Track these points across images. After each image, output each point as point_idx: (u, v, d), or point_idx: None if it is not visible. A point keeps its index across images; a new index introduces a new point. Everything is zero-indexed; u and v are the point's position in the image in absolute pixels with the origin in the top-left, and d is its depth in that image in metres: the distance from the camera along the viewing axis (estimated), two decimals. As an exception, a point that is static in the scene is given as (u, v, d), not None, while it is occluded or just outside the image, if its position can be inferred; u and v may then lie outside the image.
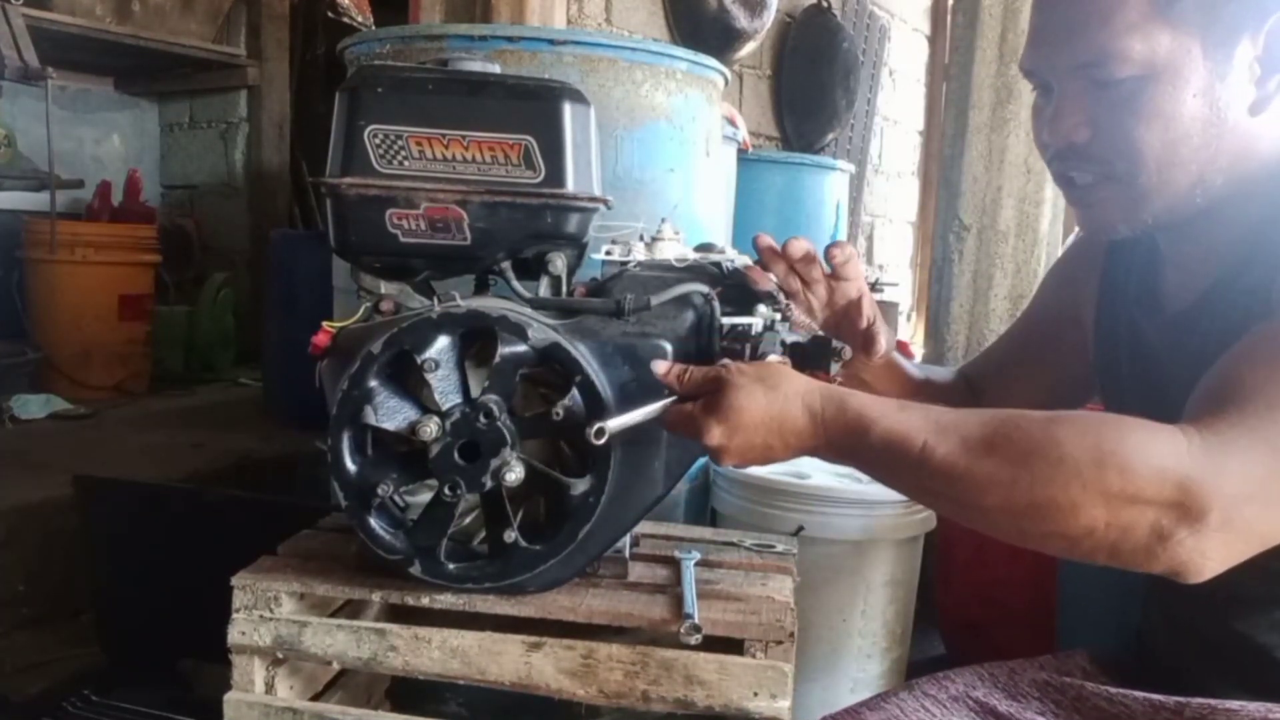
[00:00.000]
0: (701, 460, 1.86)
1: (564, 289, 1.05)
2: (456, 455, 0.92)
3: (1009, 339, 1.25)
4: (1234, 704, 0.86)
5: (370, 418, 0.93)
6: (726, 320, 0.99)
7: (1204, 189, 0.86)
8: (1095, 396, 1.12)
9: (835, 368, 0.99)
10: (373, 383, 0.93)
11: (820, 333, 1.08)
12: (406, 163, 0.97)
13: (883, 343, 1.09)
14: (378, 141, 0.97)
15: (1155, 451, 0.71)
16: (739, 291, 1.02)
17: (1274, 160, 0.85)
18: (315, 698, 1.09)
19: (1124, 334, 1.01)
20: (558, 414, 0.93)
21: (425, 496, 0.96)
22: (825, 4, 4.19)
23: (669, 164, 1.68)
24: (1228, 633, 0.90)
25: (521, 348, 0.93)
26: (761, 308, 1.00)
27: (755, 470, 1.87)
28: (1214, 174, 0.85)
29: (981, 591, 2.08)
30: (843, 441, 0.82)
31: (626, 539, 1.06)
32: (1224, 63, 0.82)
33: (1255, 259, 0.85)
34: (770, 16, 3.64)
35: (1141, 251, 0.99)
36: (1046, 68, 0.90)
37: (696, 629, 0.95)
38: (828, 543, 1.75)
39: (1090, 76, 0.85)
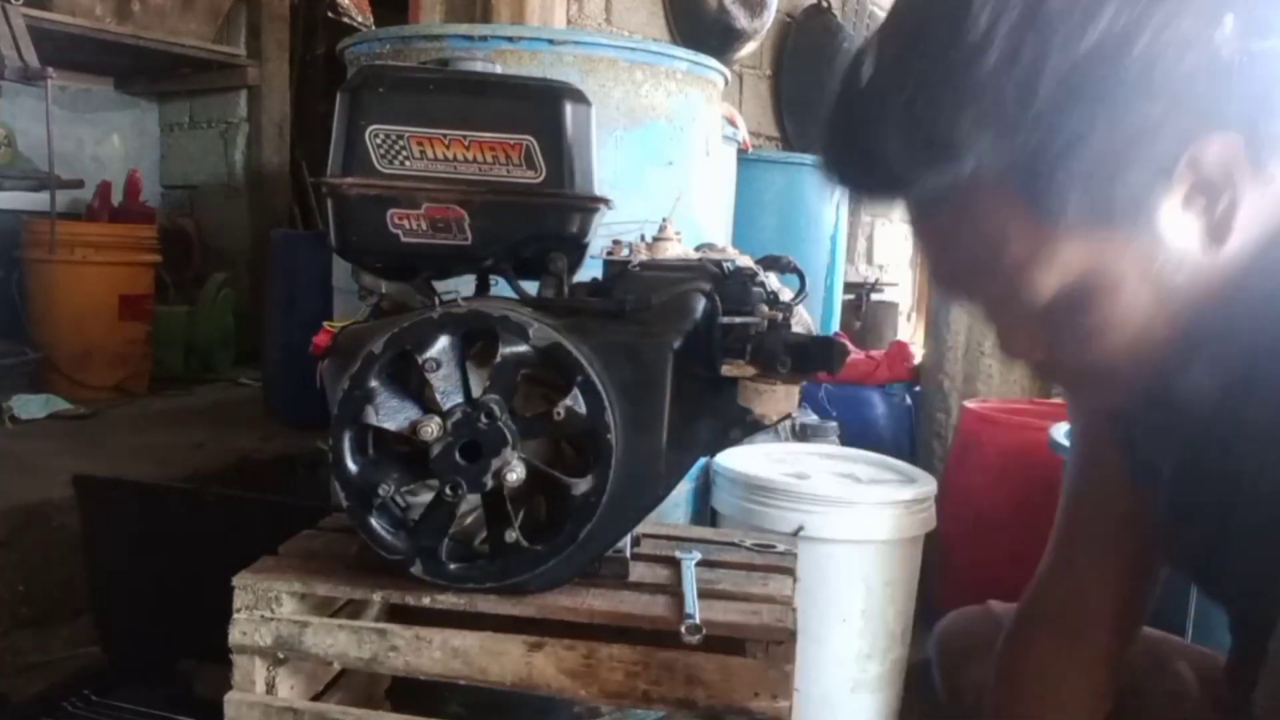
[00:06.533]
0: (702, 460, 1.86)
1: (565, 289, 1.05)
2: (458, 455, 0.92)
3: (1065, 542, 1.02)
4: None
5: (371, 417, 0.93)
6: (728, 320, 0.99)
7: (1192, 337, 0.71)
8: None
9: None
10: (374, 382, 0.93)
11: (822, 333, 1.07)
12: (408, 163, 0.97)
13: None
14: (379, 141, 0.97)
15: None
16: (740, 291, 1.02)
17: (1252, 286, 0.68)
18: (316, 698, 1.09)
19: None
20: (559, 414, 0.92)
21: (426, 496, 0.96)
22: (825, 4, 4.19)
23: (669, 164, 1.68)
24: None
25: (523, 348, 0.93)
26: (763, 308, 1.00)
27: (755, 470, 1.87)
28: (1198, 321, 0.70)
29: (981, 592, 2.07)
30: None
31: (627, 539, 1.06)
32: (1151, 228, 0.66)
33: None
34: (770, 16, 3.65)
35: None
36: (961, 293, 0.78)
37: (698, 629, 0.95)
38: (828, 543, 1.75)
39: (1011, 304, 0.72)
